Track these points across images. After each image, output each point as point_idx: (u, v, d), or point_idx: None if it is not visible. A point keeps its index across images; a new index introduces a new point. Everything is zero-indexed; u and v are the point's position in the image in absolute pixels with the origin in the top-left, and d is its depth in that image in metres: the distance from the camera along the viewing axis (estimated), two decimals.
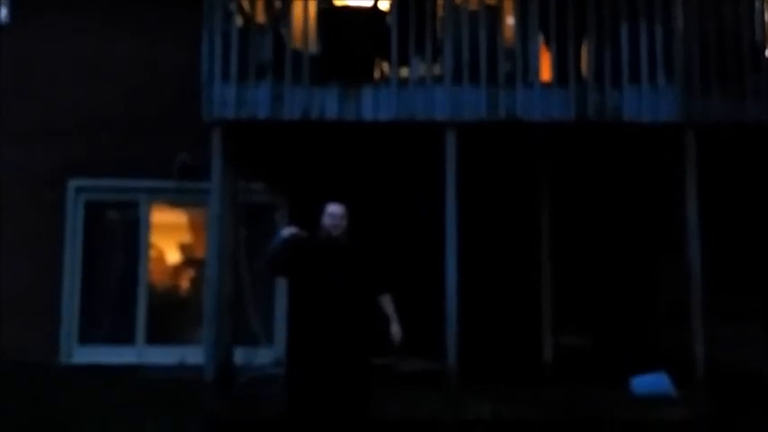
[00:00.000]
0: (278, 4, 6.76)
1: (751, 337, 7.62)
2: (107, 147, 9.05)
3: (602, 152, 7.40)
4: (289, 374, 5.08)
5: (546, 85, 6.45)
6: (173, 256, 9.99)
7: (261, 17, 6.75)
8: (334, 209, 5.06)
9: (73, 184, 9.07)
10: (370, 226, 8.01)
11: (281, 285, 8.26)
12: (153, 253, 9.51)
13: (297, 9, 6.66)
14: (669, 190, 6.59)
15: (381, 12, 6.92)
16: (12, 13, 9.28)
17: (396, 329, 5.07)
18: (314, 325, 4.92)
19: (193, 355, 7.86)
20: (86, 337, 8.98)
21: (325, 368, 4.86)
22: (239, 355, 6.71)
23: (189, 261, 9.78)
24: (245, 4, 6.84)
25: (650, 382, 6.32)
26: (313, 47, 6.75)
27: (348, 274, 4.96)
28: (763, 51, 6.60)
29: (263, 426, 5.54)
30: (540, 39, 6.58)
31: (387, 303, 5.12)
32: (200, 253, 9.02)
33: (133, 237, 9.23)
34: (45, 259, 8.97)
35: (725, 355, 6.88)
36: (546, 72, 6.58)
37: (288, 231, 5.09)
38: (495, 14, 6.55)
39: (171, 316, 9.32)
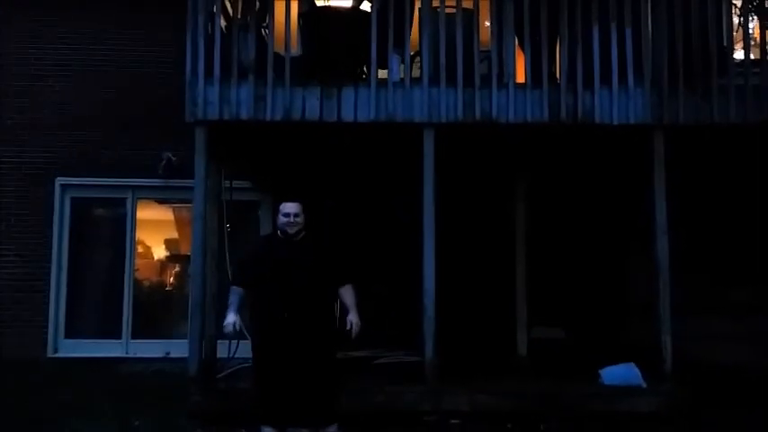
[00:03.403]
0: (260, 5, 6.87)
1: (721, 330, 7.81)
2: (94, 145, 9.16)
3: (575, 152, 7.51)
4: (255, 377, 5.14)
5: (520, 87, 6.57)
6: (158, 252, 10.12)
7: (243, 18, 6.83)
8: (287, 208, 5.10)
9: (59, 181, 9.18)
10: (351, 223, 8.24)
11: None
12: (139, 249, 9.63)
13: (279, 10, 6.72)
14: (640, 188, 6.75)
15: (362, 14, 7.05)
16: None
17: (353, 318, 5.08)
18: (276, 327, 4.95)
19: (178, 348, 7.99)
20: (73, 332, 9.09)
21: (290, 369, 4.91)
22: (223, 349, 6.85)
23: (174, 257, 9.90)
24: (228, 5, 6.96)
25: (620, 373, 6.47)
26: (295, 48, 6.87)
27: (309, 271, 4.97)
28: (730, 55, 6.76)
29: (246, 418, 5.66)
30: (515, 41, 6.74)
31: (347, 293, 5.13)
32: (185, 249, 9.11)
33: (119, 233, 9.33)
34: (33, 255, 9.08)
35: (695, 349, 7.08)
36: (521, 74, 6.74)
37: (229, 326, 5.04)
38: (471, 17, 6.65)
39: (156, 310, 9.46)
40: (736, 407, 6.46)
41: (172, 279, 9.95)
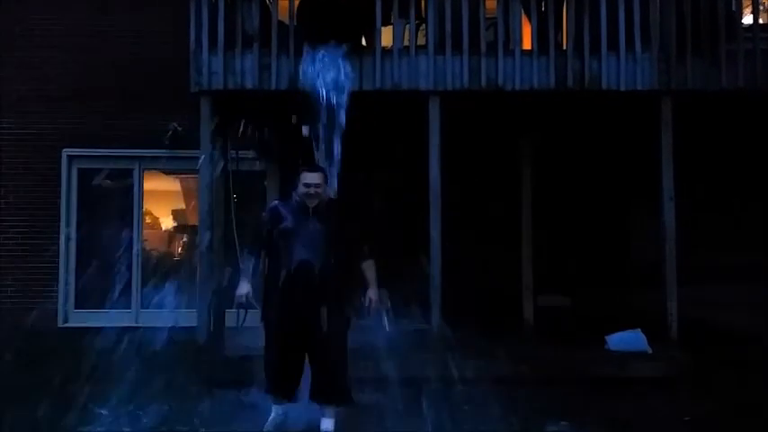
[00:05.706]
0: None
1: (724, 297, 7.82)
2: (100, 116, 9.16)
3: (581, 119, 7.51)
4: (266, 349, 5.09)
5: (526, 54, 6.54)
6: (166, 223, 10.17)
7: None
8: (308, 178, 4.84)
9: (66, 152, 9.20)
10: (358, 193, 8.24)
11: None
12: (147, 220, 9.68)
13: None
14: (647, 154, 6.73)
15: None
16: None
17: (372, 294, 4.91)
18: (289, 298, 4.82)
19: (187, 317, 8.04)
20: (82, 302, 9.17)
21: (300, 342, 4.85)
22: (231, 318, 6.89)
23: (182, 227, 9.94)
24: None
25: (626, 339, 6.55)
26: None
27: (325, 239, 4.82)
28: (739, 19, 6.71)
29: (254, 384, 5.74)
30: (521, 8, 6.68)
31: (368, 269, 4.94)
32: (192, 219, 9.16)
33: (127, 204, 9.38)
34: (42, 226, 9.14)
35: (699, 315, 7.13)
36: (527, 41, 6.69)
37: (241, 297, 5.01)
38: None
39: (165, 280, 9.51)
40: (738, 371, 6.51)
41: (180, 249, 10.01)
